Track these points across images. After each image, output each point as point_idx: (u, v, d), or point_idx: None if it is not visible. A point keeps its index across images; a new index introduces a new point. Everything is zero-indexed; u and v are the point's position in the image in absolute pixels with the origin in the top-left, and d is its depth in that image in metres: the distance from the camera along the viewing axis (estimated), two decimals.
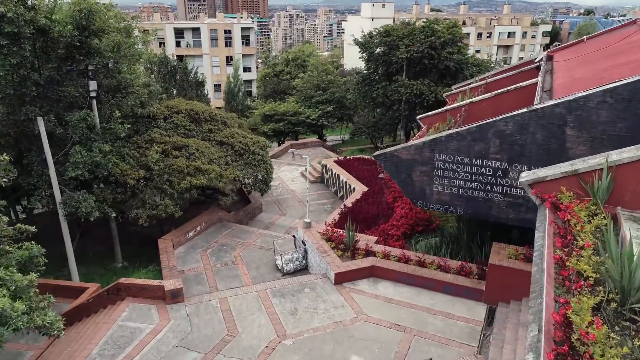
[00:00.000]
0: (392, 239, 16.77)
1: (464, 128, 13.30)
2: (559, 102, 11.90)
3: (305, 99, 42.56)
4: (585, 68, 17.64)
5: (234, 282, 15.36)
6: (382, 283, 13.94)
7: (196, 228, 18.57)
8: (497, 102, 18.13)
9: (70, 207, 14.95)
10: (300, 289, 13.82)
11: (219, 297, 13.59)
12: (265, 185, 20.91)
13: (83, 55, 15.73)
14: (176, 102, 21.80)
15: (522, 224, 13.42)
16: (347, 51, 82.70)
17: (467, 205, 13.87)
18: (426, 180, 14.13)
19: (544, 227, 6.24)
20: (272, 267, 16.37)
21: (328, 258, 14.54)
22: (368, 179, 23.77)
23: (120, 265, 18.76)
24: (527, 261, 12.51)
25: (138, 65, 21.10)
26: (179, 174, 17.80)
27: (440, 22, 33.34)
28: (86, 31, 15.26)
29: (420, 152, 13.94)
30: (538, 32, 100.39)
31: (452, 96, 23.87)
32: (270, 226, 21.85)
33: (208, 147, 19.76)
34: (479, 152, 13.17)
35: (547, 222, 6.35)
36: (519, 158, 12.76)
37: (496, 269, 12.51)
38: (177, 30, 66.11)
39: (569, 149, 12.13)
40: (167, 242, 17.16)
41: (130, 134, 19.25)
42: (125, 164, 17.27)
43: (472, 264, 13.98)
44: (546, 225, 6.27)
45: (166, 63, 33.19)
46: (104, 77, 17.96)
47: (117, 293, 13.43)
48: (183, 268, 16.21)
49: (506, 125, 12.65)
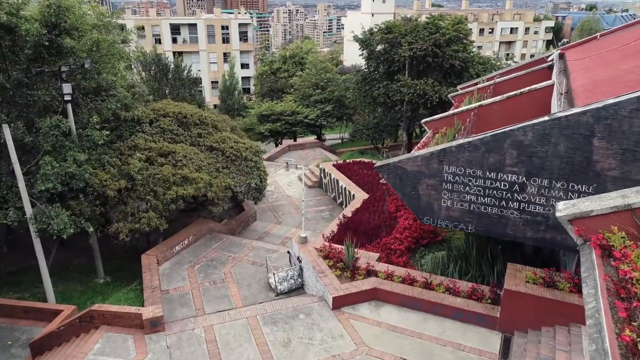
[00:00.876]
0: (395, 255, 15.42)
1: (476, 137, 11.91)
2: (586, 110, 10.51)
3: (303, 98, 41.08)
4: (604, 69, 16.20)
5: (223, 303, 14.02)
6: (385, 307, 12.61)
7: (184, 241, 17.22)
8: (509, 106, 16.75)
9: (41, 223, 13.58)
10: (294, 315, 12.48)
11: (204, 324, 12.25)
12: (259, 194, 19.54)
13: (54, 56, 14.30)
14: (163, 104, 20.38)
15: (541, 244, 12.08)
16: (346, 47, 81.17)
17: (480, 223, 12.52)
18: (434, 194, 12.77)
19: (595, 282, 4.89)
20: (265, 285, 15.04)
21: (325, 279, 13.19)
22: (369, 185, 22.38)
23: (102, 281, 17.43)
24: (546, 286, 11.19)
25: (121, 65, 19.69)
26: (164, 183, 16.43)
27: (445, 18, 31.82)
28: (56, 29, 13.82)
29: (427, 164, 12.57)
30: (541, 27, 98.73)
31: (458, 97, 22.45)
32: (264, 236, 20.51)
33: (197, 153, 18.38)
34: (494, 164, 11.81)
35: (597, 275, 5.00)
36: (539, 172, 11.41)
37: (512, 295, 11.17)
38: (173, 26, 64.65)
39: (596, 162, 10.77)
40: (150, 257, 15.82)
41: (113, 139, 17.88)
42: (105, 173, 15.90)
43: (484, 287, 12.64)
44: (597, 279, 4.92)
45: (157, 61, 31.69)
46: (83, 78, 16.57)
47: (91, 321, 12.09)
48: (168, 287, 14.88)
49: (525, 135, 11.28)
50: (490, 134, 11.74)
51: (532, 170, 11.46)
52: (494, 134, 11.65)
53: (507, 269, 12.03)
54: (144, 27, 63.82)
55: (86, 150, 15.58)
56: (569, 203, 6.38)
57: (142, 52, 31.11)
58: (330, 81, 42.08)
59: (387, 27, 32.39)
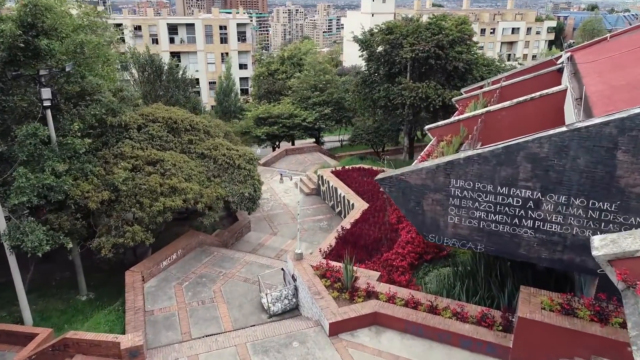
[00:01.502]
0: (397, 272, 14.38)
1: (486, 149, 10.89)
2: (609, 120, 9.50)
3: (302, 100, 40.00)
4: (620, 73, 15.15)
5: (212, 326, 12.99)
6: (387, 334, 11.58)
7: (171, 256, 16.19)
8: (518, 112, 15.74)
9: (14, 240, 12.54)
10: (288, 343, 11.45)
11: (189, 353, 11.23)
12: (253, 204, 18.51)
13: (30, 58, 13.26)
14: (153, 109, 19.34)
15: (557, 265, 11.06)
16: (346, 47, 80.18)
17: (490, 242, 11.50)
18: (439, 210, 11.74)
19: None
20: (257, 305, 14.00)
21: (322, 302, 12.16)
22: (369, 194, 21.35)
23: (84, 298, 16.38)
24: (564, 314, 10.17)
25: (110, 67, 18.68)
26: (150, 194, 15.39)
27: (448, 19, 30.74)
28: (33, 29, 12.79)
29: (432, 177, 11.54)
30: (543, 28, 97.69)
31: (462, 101, 21.42)
32: (259, 248, 19.48)
33: (187, 161, 17.34)
34: (506, 178, 10.79)
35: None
36: (556, 187, 10.39)
37: (526, 323, 10.15)
38: (170, 26, 63.76)
39: (619, 177, 9.76)
40: (135, 274, 14.80)
41: (98, 146, 16.85)
42: (88, 184, 14.86)
43: (495, 311, 11.59)
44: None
45: (150, 62, 30.63)
46: (66, 82, 15.54)
47: (65, 349, 11.06)
48: (152, 307, 13.84)
49: (540, 146, 10.26)
50: (502, 145, 10.73)
51: (549, 186, 10.45)
52: (506, 145, 10.63)
53: (520, 292, 11.01)
54: (140, 27, 62.88)
55: (67, 160, 14.53)
56: (607, 238, 5.36)
57: (134, 54, 30.00)
58: (329, 83, 41.00)
59: (388, 27, 31.32)
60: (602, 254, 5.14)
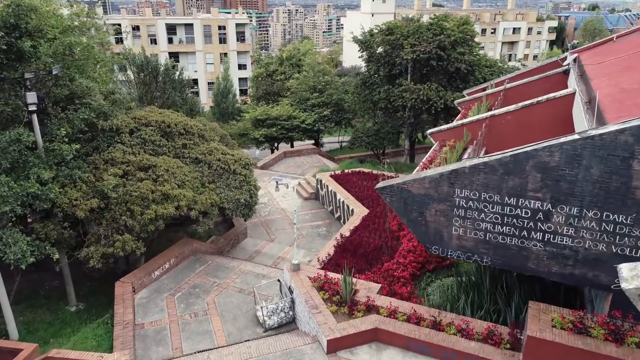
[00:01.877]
0: (399, 284, 13.80)
1: (493, 157, 10.29)
2: (625, 128, 8.92)
3: (300, 101, 39.38)
4: (630, 75, 14.53)
5: (204, 341, 12.40)
6: (388, 351, 10.99)
7: (164, 265, 15.60)
8: (524, 117, 15.15)
9: None
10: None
11: None
12: (249, 210, 17.90)
13: (14, 61, 12.67)
14: (146, 112, 18.74)
15: (568, 280, 10.46)
16: (346, 48, 79.62)
17: (496, 255, 10.91)
18: (443, 221, 11.15)
19: None
20: (252, 318, 13.41)
21: (319, 316, 11.57)
22: (369, 199, 20.75)
23: (73, 309, 15.78)
24: (577, 333, 9.58)
25: (102, 69, 18.10)
26: (142, 201, 14.80)
27: (449, 19, 30.11)
28: (16, 31, 12.20)
29: (436, 186, 10.95)
30: (544, 28, 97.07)
31: (465, 104, 20.84)
32: (255, 255, 18.88)
33: (180, 166, 16.75)
34: (514, 188, 10.20)
35: None
36: (567, 198, 9.80)
37: (536, 342, 9.56)
38: (169, 26, 63.24)
39: (636, 188, 9.17)
40: (125, 285, 14.21)
41: (89, 151, 16.27)
42: (76, 191, 14.27)
43: (502, 327, 11.00)
44: None
45: (146, 63, 30.01)
46: (54, 85, 14.95)
47: None
48: (143, 320, 13.26)
49: (551, 155, 9.67)
50: (510, 153, 10.14)
51: (559, 197, 9.86)
52: (514, 153, 10.05)
53: (529, 308, 10.42)
54: (139, 27, 62.32)
55: (54, 167, 13.94)
56: (637, 268, 4.77)
57: (129, 55, 29.37)
58: (329, 84, 40.38)
59: (388, 28, 30.70)
60: (633, 287, 4.55)
